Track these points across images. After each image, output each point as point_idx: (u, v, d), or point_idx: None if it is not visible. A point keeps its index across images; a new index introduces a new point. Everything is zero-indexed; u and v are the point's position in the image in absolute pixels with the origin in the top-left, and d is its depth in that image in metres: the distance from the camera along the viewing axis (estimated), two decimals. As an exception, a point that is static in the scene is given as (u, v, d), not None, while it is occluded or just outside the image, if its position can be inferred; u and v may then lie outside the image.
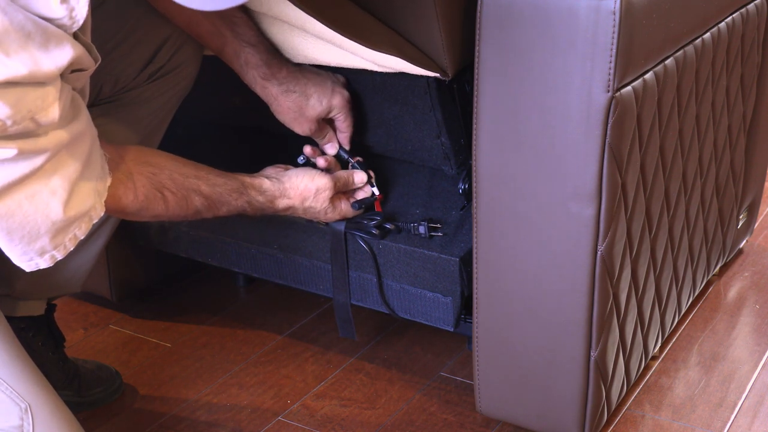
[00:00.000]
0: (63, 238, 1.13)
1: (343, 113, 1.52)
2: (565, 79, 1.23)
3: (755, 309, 1.87)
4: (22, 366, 1.20)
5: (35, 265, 1.13)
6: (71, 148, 1.09)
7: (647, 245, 1.46)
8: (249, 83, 1.48)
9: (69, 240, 1.14)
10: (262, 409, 1.62)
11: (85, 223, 1.15)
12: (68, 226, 1.12)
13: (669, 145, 1.45)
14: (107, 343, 1.81)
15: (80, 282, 1.57)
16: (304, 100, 1.48)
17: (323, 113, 1.50)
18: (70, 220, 1.11)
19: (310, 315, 1.88)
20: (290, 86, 1.47)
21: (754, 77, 1.76)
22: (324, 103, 1.49)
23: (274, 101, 1.48)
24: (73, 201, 1.11)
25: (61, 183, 1.09)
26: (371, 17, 1.34)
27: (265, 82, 1.46)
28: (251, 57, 1.44)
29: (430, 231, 1.50)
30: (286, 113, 1.49)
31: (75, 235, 1.14)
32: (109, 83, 1.44)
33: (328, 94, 1.49)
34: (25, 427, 1.18)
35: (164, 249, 1.77)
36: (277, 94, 1.47)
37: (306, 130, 1.52)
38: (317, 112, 1.49)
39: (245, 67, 1.45)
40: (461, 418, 1.58)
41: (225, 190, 1.37)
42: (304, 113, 1.49)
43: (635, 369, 1.58)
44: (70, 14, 1.02)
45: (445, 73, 1.34)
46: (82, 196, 1.12)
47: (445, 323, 1.52)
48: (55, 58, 1.02)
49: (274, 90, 1.47)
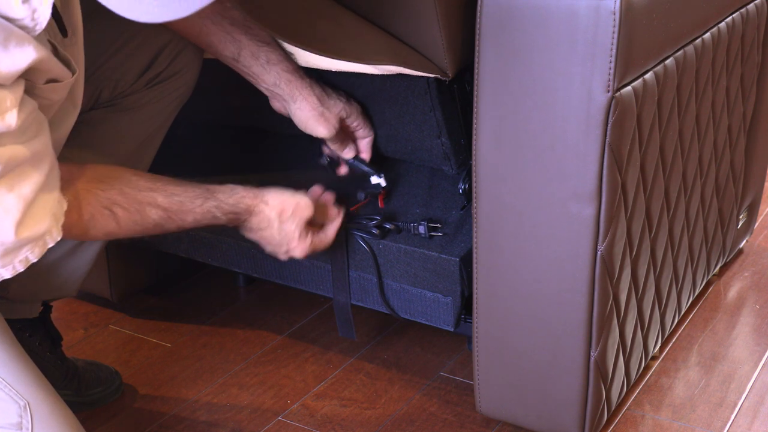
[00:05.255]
0: (12, 259, 1.08)
1: (360, 120, 1.50)
2: (565, 79, 1.23)
3: (755, 309, 1.87)
4: (20, 364, 1.20)
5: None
6: (29, 167, 1.06)
7: (647, 245, 1.46)
8: (272, 83, 1.44)
9: (19, 262, 1.09)
10: (262, 409, 1.62)
11: (39, 247, 1.10)
12: (19, 248, 1.08)
13: (669, 145, 1.45)
14: (107, 343, 1.81)
15: (75, 286, 1.56)
16: (325, 95, 1.46)
17: (344, 111, 1.48)
18: (21, 242, 1.07)
19: (310, 315, 1.88)
20: (311, 82, 1.45)
21: (754, 77, 1.76)
22: (343, 101, 1.47)
23: (299, 95, 1.45)
24: (27, 222, 1.06)
25: (15, 202, 1.05)
26: (368, 24, 1.34)
27: (290, 76, 1.43)
28: (272, 54, 1.42)
29: (430, 231, 1.50)
30: (311, 110, 1.45)
31: (27, 258, 1.09)
32: (108, 88, 1.44)
33: (344, 97, 1.49)
34: (24, 425, 1.17)
35: (164, 249, 1.77)
36: (302, 88, 1.44)
37: (331, 129, 1.47)
38: (339, 108, 1.47)
39: (267, 66, 1.43)
40: (461, 418, 1.58)
41: (186, 198, 1.31)
42: (328, 108, 1.46)
43: (635, 369, 1.58)
44: (32, 15, 0.99)
45: (445, 73, 1.34)
46: (36, 218, 1.08)
47: (445, 323, 1.52)
48: (15, 59, 0.99)
49: (298, 83, 1.44)
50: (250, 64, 1.43)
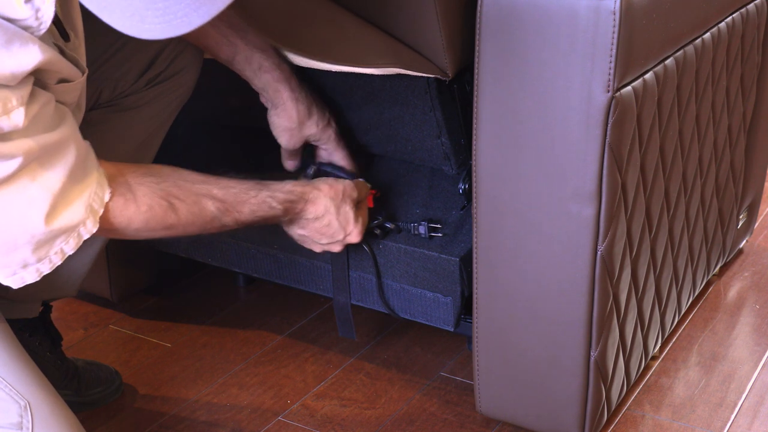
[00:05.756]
0: (47, 251, 1.09)
1: (332, 145, 1.53)
2: (565, 79, 1.23)
3: (755, 309, 1.87)
4: (21, 364, 1.20)
5: (21, 280, 1.10)
6: (51, 157, 1.06)
7: (647, 245, 1.46)
8: (260, 88, 1.46)
9: (55, 254, 1.10)
10: (262, 409, 1.62)
11: (74, 238, 1.10)
12: (52, 239, 1.08)
13: (669, 145, 1.45)
14: (107, 343, 1.81)
15: (75, 286, 1.56)
16: (306, 115, 1.49)
17: (313, 137, 1.52)
18: (53, 233, 1.07)
19: (310, 315, 1.88)
20: (299, 96, 1.47)
21: (754, 77, 1.76)
22: (319, 127, 1.50)
23: (282, 105, 1.47)
24: (57, 213, 1.07)
25: (41, 193, 1.05)
26: (367, 26, 1.34)
27: (278, 85, 1.46)
28: (264, 61, 1.44)
29: (430, 231, 1.50)
30: (286, 121, 1.49)
31: (62, 250, 1.10)
32: (109, 88, 1.44)
33: (324, 122, 1.51)
34: (24, 425, 1.17)
35: (164, 249, 1.77)
36: (286, 99, 1.47)
37: (291, 145, 1.51)
38: (310, 132, 1.51)
39: (259, 72, 1.45)
40: (461, 418, 1.58)
41: (240, 189, 1.30)
42: (302, 127, 1.49)
43: (635, 369, 1.58)
44: (35, 15, 0.99)
45: (445, 73, 1.34)
46: (68, 208, 1.08)
47: (445, 323, 1.52)
48: (19, 60, 0.99)
49: (285, 94, 1.46)
50: (242, 69, 1.45)
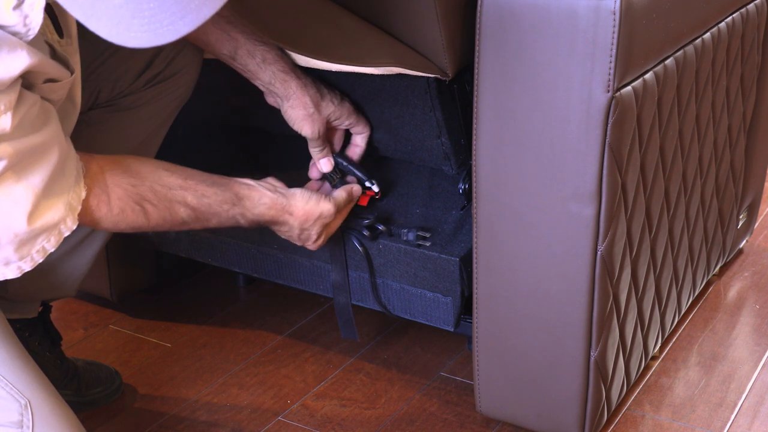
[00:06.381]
0: (29, 249, 1.10)
1: (353, 119, 1.51)
2: (565, 79, 1.23)
3: (755, 309, 1.87)
4: (21, 363, 1.20)
5: (1, 275, 1.11)
6: (35, 158, 1.07)
7: (647, 245, 1.46)
8: (267, 82, 1.45)
9: (36, 252, 1.11)
10: (262, 409, 1.62)
11: (55, 236, 1.12)
12: (34, 237, 1.09)
13: (669, 145, 1.45)
14: (107, 343, 1.81)
15: (74, 286, 1.56)
16: (319, 97, 1.47)
17: (334, 115, 1.49)
18: (35, 231, 1.09)
19: (310, 315, 1.88)
20: (307, 82, 1.46)
21: (754, 77, 1.76)
22: (335, 103, 1.48)
23: (293, 95, 1.46)
24: (39, 212, 1.08)
25: (24, 193, 1.06)
26: (367, 26, 1.34)
27: (285, 76, 1.45)
28: (267, 53, 1.43)
29: (418, 240, 1.49)
30: (301, 109, 1.46)
31: (43, 248, 1.11)
32: (107, 88, 1.44)
33: (337, 99, 1.49)
34: (25, 423, 1.18)
35: (164, 249, 1.77)
36: (296, 88, 1.45)
37: (316, 131, 1.49)
38: (329, 111, 1.48)
39: (263, 65, 1.44)
40: (461, 418, 1.58)
41: (215, 201, 1.32)
42: (319, 109, 1.47)
43: (635, 369, 1.58)
44: (23, 21, 0.99)
45: (445, 73, 1.34)
46: (49, 207, 1.10)
47: (445, 323, 1.52)
48: (7, 65, 0.99)
49: (294, 83, 1.45)
50: (246, 63, 1.44)
